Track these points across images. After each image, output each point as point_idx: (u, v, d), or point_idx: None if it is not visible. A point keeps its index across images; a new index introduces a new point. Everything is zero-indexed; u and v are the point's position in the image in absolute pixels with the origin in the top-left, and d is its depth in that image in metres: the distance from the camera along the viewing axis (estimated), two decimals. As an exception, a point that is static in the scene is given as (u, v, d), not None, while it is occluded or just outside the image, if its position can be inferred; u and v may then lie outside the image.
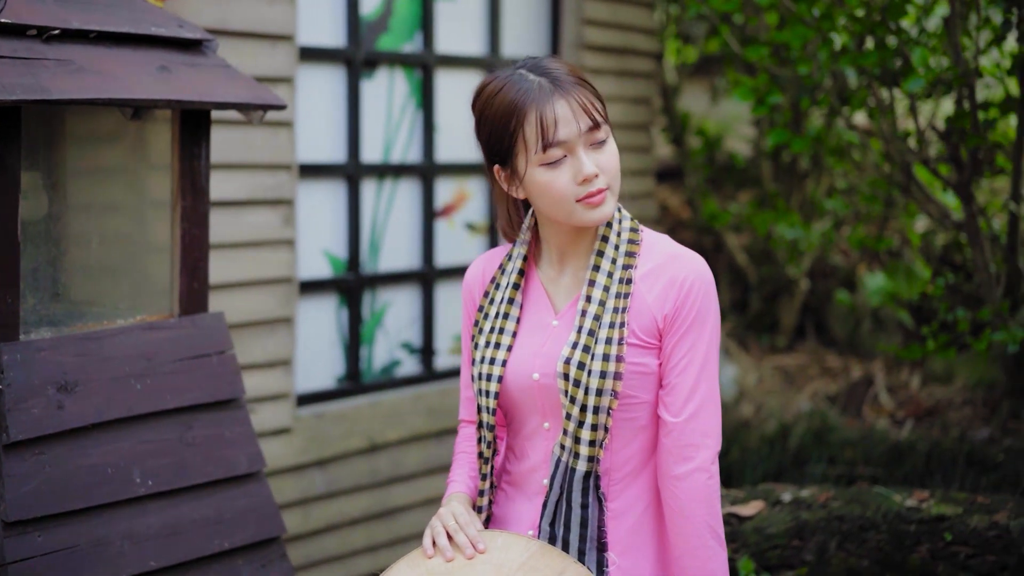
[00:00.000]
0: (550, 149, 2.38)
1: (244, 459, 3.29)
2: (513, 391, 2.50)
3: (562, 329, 2.48)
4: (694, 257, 2.47)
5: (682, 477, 2.42)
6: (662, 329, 2.43)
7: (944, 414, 6.10)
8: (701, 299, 2.43)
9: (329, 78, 4.99)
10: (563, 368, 2.41)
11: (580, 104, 2.38)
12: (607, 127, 2.43)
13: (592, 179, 2.39)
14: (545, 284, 2.55)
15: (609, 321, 2.41)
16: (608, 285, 2.44)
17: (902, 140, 5.11)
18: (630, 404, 2.44)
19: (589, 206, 2.40)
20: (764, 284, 7.02)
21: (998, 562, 3.80)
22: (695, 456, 2.42)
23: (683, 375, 2.42)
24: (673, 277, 2.43)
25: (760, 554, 3.90)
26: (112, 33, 3.03)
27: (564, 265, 2.53)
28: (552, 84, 2.38)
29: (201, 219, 3.25)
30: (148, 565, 3.02)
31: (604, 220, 2.43)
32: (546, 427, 2.50)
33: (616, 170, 2.43)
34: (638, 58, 6.25)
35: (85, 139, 3.35)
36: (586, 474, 2.44)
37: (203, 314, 3.27)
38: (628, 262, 2.46)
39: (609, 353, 2.39)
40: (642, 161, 6.34)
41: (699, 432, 2.42)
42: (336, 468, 4.95)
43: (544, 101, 2.37)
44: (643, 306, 2.43)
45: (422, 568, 2.42)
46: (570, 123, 2.37)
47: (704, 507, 2.42)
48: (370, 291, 5.24)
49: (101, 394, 2.99)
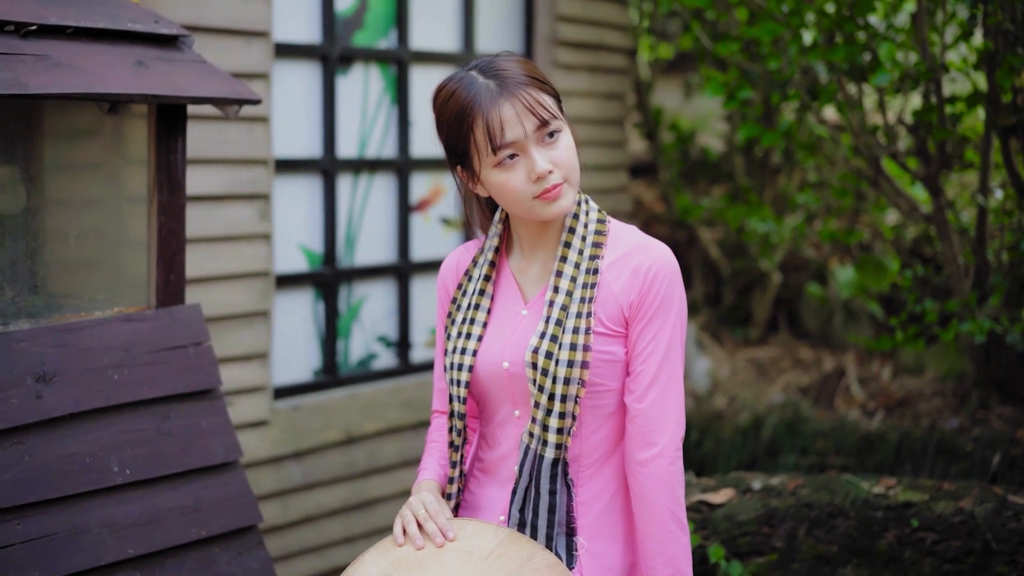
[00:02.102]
0: (499, 151, 2.42)
1: (221, 449, 3.33)
2: (484, 380, 2.55)
3: (531, 319, 2.54)
4: (659, 246, 2.53)
5: (645, 463, 2.47)
6: (628, 317, 2.48)
7: (915, 405, 6.17)
8: (666, 287, 2.48)
9: (305, 74, 5.04)
10: (531, 357, 2.46)
11: (526, 104, 2.41)
12: (560, 121, 2.46)
13: (546, 176, 2.43)
14: (516, 275, 2.60)
15: (576, 311, 2.46)
16: (575, 276, 2.49)
17: (871, 134, 5.18)
18: (598, 392, 2.49)
19: (546, 201, 2.44)
20: (737, 277, 7.09)
21: (963, 547, 3.87)
22: (658, 442, 2.47)
23: (647, 362, 2.48)
24: (638, 266, 2.48)
25: (730, 541, 3.96)
26: (89, 29, 3.07)
27: (534, 256, 2.59)
28: (499, 86, 2.42)
29: (177, 212, 3.29)
30: (126, 553, 3.06)
31: (564, 213, 2.47)
32: (516, 415, 2.56)
33: (571, 163, 2.47)
34: (611, 54, 6.31)
35: (63, 134, 3.39)
36: (554, 461, 2.49)
37: (180, 306, 3.32)
38: (595, 252, 2.51)
39: (576, 342, 2.44)
40: (615, 156, 6.40)
41: (662, 418, 2.47)
42: (313, 460, 5.00)
43: (490, 105, 2.42)
44: (609, 295, 2.49)
45: (392, 556, 2.46)
46: (515, 125, 2.41)
47: (665, 492, 2.47)
48: (346, 285, 5.29)
49: (79, 384, 3.03)
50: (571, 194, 2.48)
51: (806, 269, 7.12)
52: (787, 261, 7.12)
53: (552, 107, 2.47)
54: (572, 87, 6.07)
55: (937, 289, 5.99)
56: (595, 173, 6.26)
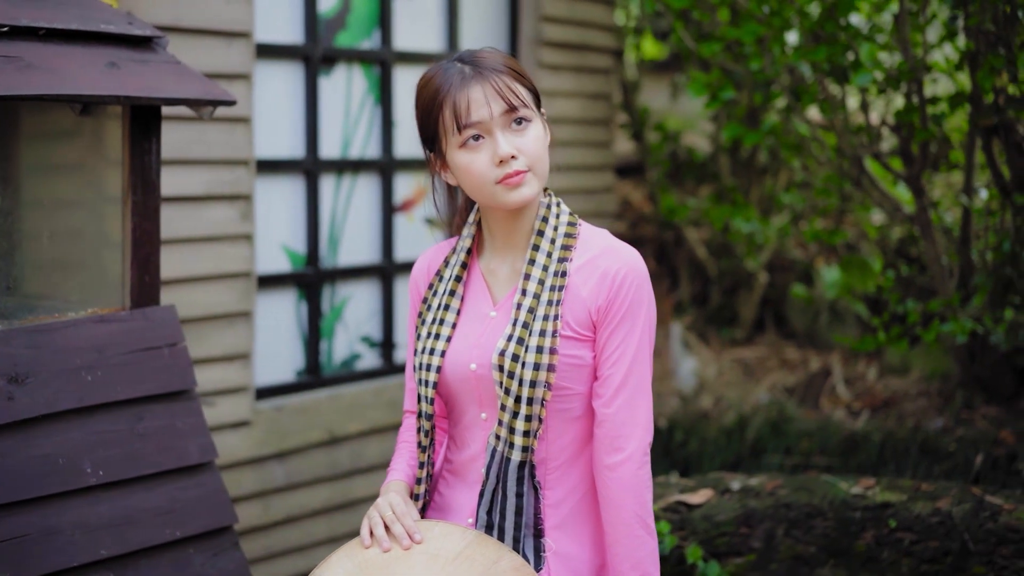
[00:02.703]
0: (465, 131, 2.45)
1: (196, 449, 3.33)
2: (452, 381, 2.56)
3: (500, 320, 2.54)
4: (628, 251, 2.52)
5: (613, 467, 2.48)
6: (596, 322, 2.48)
7: (900, 405, 6.17)
8: (633, 292, 2.48)
9: (287, 75, 5.04)
10: (498, 360, 2.46)
11: (495, 88, 2.44)
12: (531, 112, 2.48)
13: (508, 160, 2.44)
14: (486, 275, 2.61)
15: (543, 314, 2.46)
16: (543, 278, 2.49)
17: (854, 134, 5.18)
18: (565, 395, 2.50)
19: (508, 187, 2.45)
20: (724, 278, 7.09)
21: (941, 548, 3.87)
22: (625, 447, 2.47)
23: (615, 367, 2.48)
24: (606, 270, 2.48)
25: (708, 541, 3.96)
26: (61, 30, 3.07)
27: (504, 256, 2.59)
28: (473, 71, 2.45)
29: (152, 213, 3.30)
30: (99, 554, 3.07)
31: (526, 202, 2.47)
32: (483, 417, 2.56)
33: (538, 153, 2.48)
34: (596, 54, 6.31)
35: (38, 135, 3.39)
36: (520, 463, 2.49)
37: (154, 307, 3.32)
38: (564, 255, 2.51)
39: (543, 345, 2.44)
40: (601, 156, 6.40)
41: (629, 424, 2.47)
42: (296, 460, 5.00)
43: (460, 86, 2.45)
44: (577, 299, 2.49)
45: (359, 558, 2.46)
46: (483, 106, 2.44)
47: (632, 497, 2.47)
48: (329, 285, 5.29)
49: (52, 385, 3.03)
50: (535, 184, 2.48)
51: (793, 269, 7.12)
52: (774, 261, 7.12)
53: (524, 96, 2.48)
54: (557, 87, 6.07)
55: (922, 289, 6.00)
56: (580, 173, 6.27)
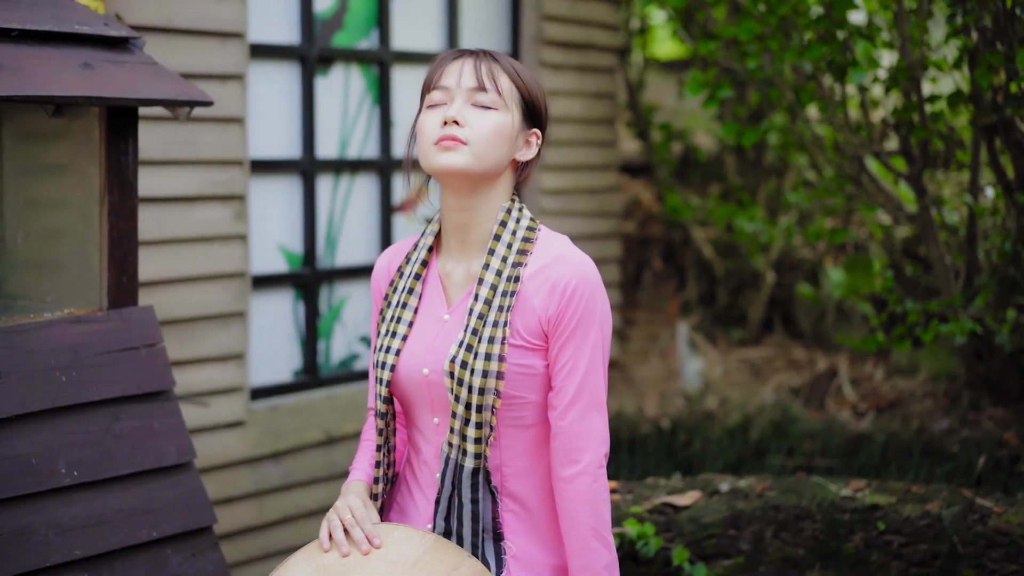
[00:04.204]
0: (430, 92, 2.50)
1: (174, 450, 3.32)
2: (405, 384, 2.54)
3: (453, 324, 2.52)
4: (579, 260, 2.48)
5: (568, 480, 2.46)
6: (546, 332, 2.45)
7: (906, 406, 6.13)
8: (584, 304, 2.44)
9: (282, 75, 5.04)
10: (448, 367, 2.44)
11: (475, 66, 2.48)
12: (503, 107, 2.48)
13: (451, 123, 2.45)
14: (443, 277, 2.59)
15: (493, 320, 2.43)
16: (496, 284, 2.46)
17: (854, 133, 5.14)
18: (516, 404, 2.47)
19: (439, 148, 2.46)
20: (731, 277, 7.06)
21: (930, 551, 3.84)
22: (580, 460, 2.45)
23: (567, 379, 2.45)
24: (556, 281, 2.45)
25: (695, 543, 3.94)
26: (35, 31, 3.07)
27: (459, 259, 2.57)
28: (471, 52, 2.52)
29: (129, 214, 3.30)
30: (73, 554, 3.06)
31: (448, 168, 2.46)
32: (436, 422, 2.54)
33: (487, 136, 2.46)
34: (600, 53, 6.29)
35: (16, 136, 3.40)
36: (474, 470, 2.47)
37: (132, 308, 3.32)
38: (519, 260, 2.48)
39: (491, 352, 2.41)
40: (605, 156, 6.38)
41: (584, 436, 2.45)
42: (292, 460, 5.00)
43: (449, 57, 2.52)
44: (529, 308, 2.46)
45: (317, 562, 2.45)
46: (454, 75, 2.48)
47: (588, 510, 2.45)
48: (327, 285, 5.29)
49: (24, 386, 3.03)
50: (467, 160, 2.45)
51: (800, 269, 7.08)
52: (782, 261, 7.08)
53: (504, 91, 2.48)
54: (559, 86, 6.05)
55: (928, 289, 5.95)
56: (584, 172, 6.25)
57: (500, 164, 2.50)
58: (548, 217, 6.03)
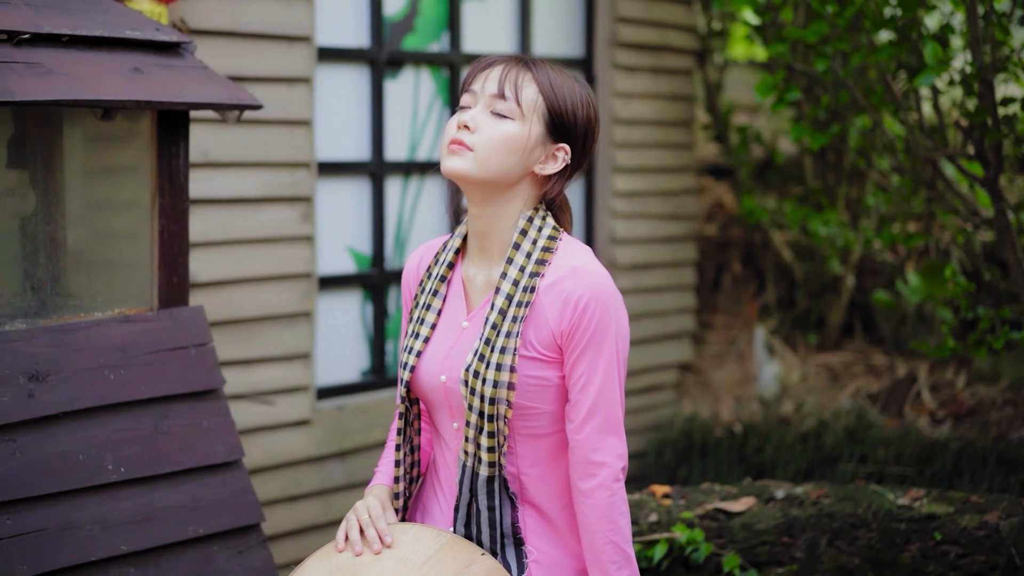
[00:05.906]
0: (463, 94, 2.52)
1: (222, 448, 3.38)
2: (425, 388, 2.56)
3: (470, 332, 2.52)
4: (594, 274, 2.46)
5: (587, 493, 2.45)
6: (560, 345, 2.45)
7: (986, 413, 6.01)
8: (597, 319, 2.42)
9: (351, 78, 5.09)
10: (463, 375, 2.45)
11: (503, 76, 2.48)
12: (519, 116, 2.46)
13: (463, 128, 2.47)
14: (466, 281, 2.60)
15: (506, 331, 2.43)
16: (512, 293, 2.46)
17: (927, 136, 5.06)
18: (530, 414, 2.47)
19: (448, 152, 2.48)
20: (810, 281, 6.97)
21: (987, 562, 3.76)
22: (597, 474, 2.44)
23: (583, 393, 2.44)
24: (569, 295, 2.43)
25: (748, 550, 3.90)
26: (85, 37, 3.14)
27: (480, 264, 2.58)
28: (506, 57, 2.52)
29: (180, 215, 3.36)
30: (119, 549, 3.13)
31: (452, 173, 2.48)
32: (455, 427, 2.56)
33: (492, 145, 2.45)
34: (675, 55, 6.26)
35: (76, 140, 3.47)
36: (489, 478, 2.48)
37: (182, 308, 3.38)
38: (536, 270, 2.47)
39: (502, 363, 2.41)
40: (681, 158, 6.35)
41: (601, 450, 2.44)
42: (357, 460, 5.05)
43: (485, 62, 2.52)
44: (542, 320, 2.45)
45: (331, 563, 2.48)
46: (481, 80, 2.49)
47: (606, 523, 2.45)
48: (396, 287, 5.33)
49: (73, 384, 3.11)
50: (468, 165, 2.46)
51: (882, 273, 6.97)
52: (863, 265, 6.98)
53: (525, 102, 2.46)
54: (633, 89, 6.03)
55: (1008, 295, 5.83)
56: (658, 175, 6.22)
57: (510, 174, 2.48)
58: (620, 220, 6.02)
